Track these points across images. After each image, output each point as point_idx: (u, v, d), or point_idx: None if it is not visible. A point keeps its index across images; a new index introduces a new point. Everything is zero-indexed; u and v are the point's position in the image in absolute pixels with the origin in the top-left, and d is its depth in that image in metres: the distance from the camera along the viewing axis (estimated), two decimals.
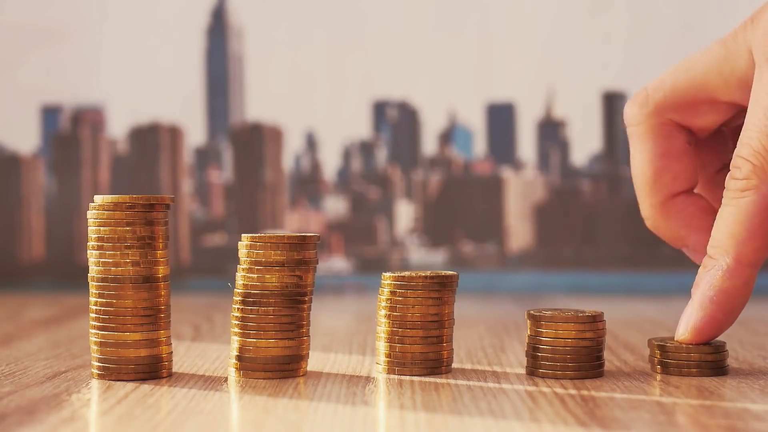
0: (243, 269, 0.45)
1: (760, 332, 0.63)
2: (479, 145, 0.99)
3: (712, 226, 0.46)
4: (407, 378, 0.45)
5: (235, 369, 0.45)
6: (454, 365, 0.48)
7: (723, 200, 0.46)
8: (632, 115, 0.50)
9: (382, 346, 0.46)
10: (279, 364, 0.45)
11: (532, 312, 0.46)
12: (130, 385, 0.43)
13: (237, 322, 0.45)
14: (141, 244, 0.44)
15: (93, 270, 0.44)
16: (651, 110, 0.49)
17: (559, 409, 0.39)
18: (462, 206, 0.99)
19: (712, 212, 0.49)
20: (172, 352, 0.46)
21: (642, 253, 0.98)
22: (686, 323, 0.46)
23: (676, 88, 0.49)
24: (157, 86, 0.99)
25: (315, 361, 0.49)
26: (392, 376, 0.45)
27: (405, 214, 1.00)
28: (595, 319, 0.45)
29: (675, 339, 0.47)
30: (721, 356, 0.46)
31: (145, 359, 0.44)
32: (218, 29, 1.00)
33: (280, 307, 0.45)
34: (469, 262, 0.98)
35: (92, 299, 0.44)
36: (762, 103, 0.44)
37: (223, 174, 1.01)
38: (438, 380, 0.45)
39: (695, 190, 0.51)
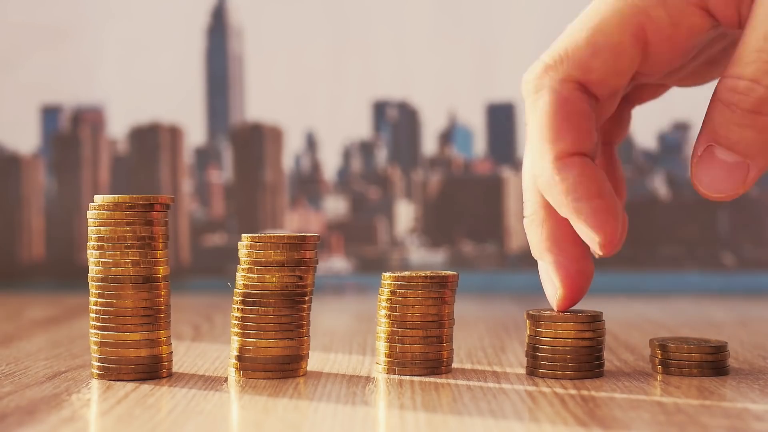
0: (243, 269, 0.45)
1: (760, 332, 0.63)
2: (479, 145, 0.99)
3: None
4: (407, 378, 0.45)
5: (235, 369, 0.45)
6: (454, 365, 0.48)
7: None
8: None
9: (382, 346, 0.46)
10: (279, 364, 0.45)
11: (531, 312, 0.46)
12: (130, 385, 0.43)
13: (237, 322, 0.45)
14: (141, 244, 0.44)
15: (93, 270, 0.44)
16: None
17: (559, 409, 0.39)
18: (462, 206, 0.99)
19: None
20: (172, 352, 0.46)
21: (642, 253, 0.98)
22: (587, 239, 0.44)
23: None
24: (157, 86, 0.99)
25: (315, 361, 0.49)
26: (392, 376, 0.45)
27: (405, 214, 1.00)
28: (595, 319, 0.45)
29: (600, 252, 0.44)
30: (722, 356, 0.46)
31: (145, 359, 0.44)
32: (218, 29, 1.00)
33: (280, 307, 0.45)
34: (469, 262, 0.98)
35: (92, 299, 0.44)
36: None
37: (223, 174, 1.01)
38: (438, 380, 0.45)
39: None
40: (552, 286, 0.45)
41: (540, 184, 0.44)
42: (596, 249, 0.44)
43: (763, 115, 0.40)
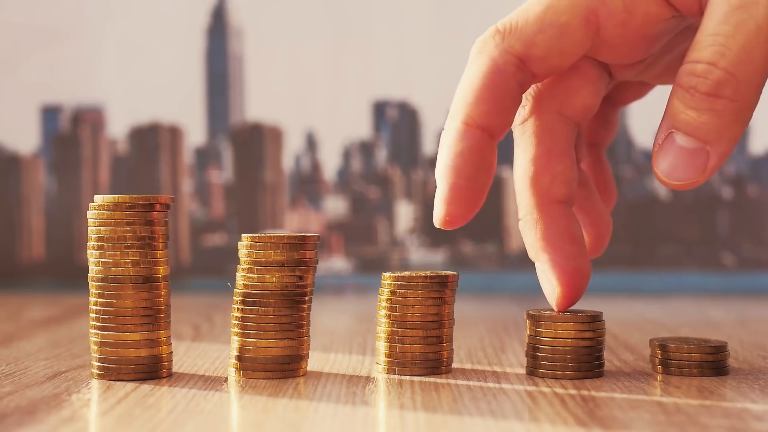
0: (243, 269, 0.45)
1: (760, 332, 0.63)
2: None
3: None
4: (407, 378, 0.45)
5: (235, 369, 0.45)
6: (454, 365, 0.48)
7: None
8: (517, 114, 0.48)
9: (382, 346, 0.46)
10: (279, 364, 0.45)
11: (531, 312, 0.45)
12: (130, 385, 0.43)
13: (237, 322, 0.45)
14: (141, 244, 0.44)
15: (93, 270, 0.44)
16: (531, 107, 0.47)
17: (559, 409, 0.39)
18: None
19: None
20: (172, 352, 0.46)
21: (642, 253, 0.98)
22: (435, 203, 0.44)
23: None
24: (157, 86, 0.99)
25: (315, 361, 0.49)
26: (392, 376, 0.45)
27: (405, 214, 1.00)
28: (595, 319, 0.45)
29: (436, 224, 0.45)
30: (722, 356, 0.46)
31: (145, 359, 0.44)
32: (218, 29, 1.00)
33: (280, 307, 0.45)
34: (469, 262, 0.98)
35: (92, 299, 0.44)
36: None
37: (223, 174, 1.01)
38: (438, 380, 0.45)
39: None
40: (550, 285, 0.45)
41: (442, 138, 0.44)
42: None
43: (721, 98, 0.40)
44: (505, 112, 0.44)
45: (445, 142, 0.44)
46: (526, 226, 0.46)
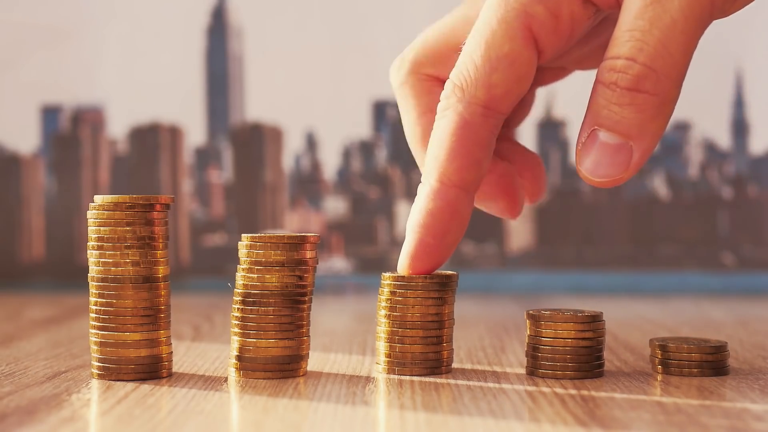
0: (243, 269, 0.45)
1: (760, 332, 0.63)
2: None
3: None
4: (407, 378, 0.45)
5: (235, 369, 0.45)
6: (454, 365, 0.48)
7: None
8: (392, 77, 0.50)
9: (382, 346, 0.46)
10: (279, 364, 0.45)
11: (531, 312, 0.45)
12: (130, 385, 0.43)
13: (237, 322, 0.45)
14: (141, 244, 0.44)
15: (93, 270, 0.44)
16: (408, 69, 0.49)
17: (559, 409, 0.39)
18: None
19: None
20: (172, 352, 0.46)
21: (642, 253, 0.98)
22: (401, 254, 0.45)
23: (426, 42, 0.49)
24: (157, 86, 0.99)
25: (315, 361, 0.49)
26: (392, 376, 0.45)
27: (405, 214, 1.00)
28: (595, 319, 0.45)
29: (399, 272, 0.46)
30: (722, 356, 0.46)
31: (145, 359, 0.44)
32: (218, 29, 1.00)
33: (280, 307, 0.45)
34: (469, 262, 0.98)
35: (92, 299, 0.44)
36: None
37: (223, 174, 1.01)
38: (438, 380, 0.45)
39: None
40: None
41: (418, 192, 0.45)
42: (400, 267, 0.46)
43: (641, 92, 0.40)
44: (478, 164, 0.44)
45: (419, 199, 0.45)
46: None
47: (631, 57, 0.40)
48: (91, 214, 0.44)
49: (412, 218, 0.45)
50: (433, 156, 0.44)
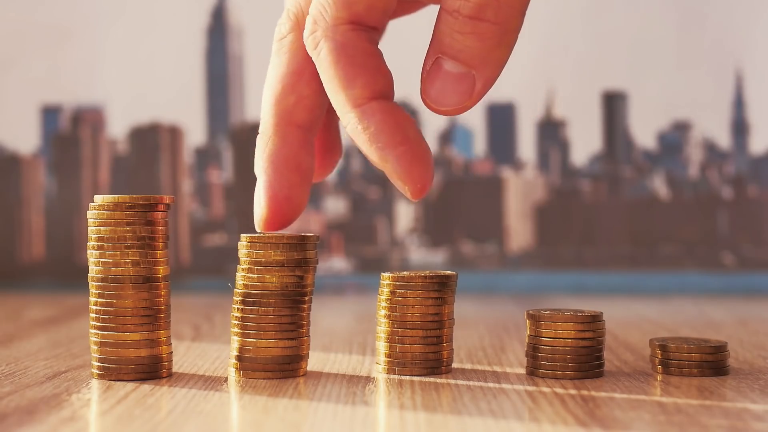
0: (243, 269, 0.45)
1: (760, 332, 0.63)
2: (479, 145, 0.99)
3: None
4: (407, 378, 0.45)
5: (235, 369, 0.45)
6: (454, 365, 0.48)
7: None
8: (276, 31, 0.48)
9: (382, 346, 0.46)
10: (279, 364, 0.45)
11: (531, 312, 0.45)
12: (130, 385, 0.43)
13: (237, 322, 0.45)
14: (141, 244, 0.44)
15: (93, 270, 0.44)
16: (291, 25, 0.48)
17: (559, 409, 0.39)
18: (462, 206, 0.99)
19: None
20: (172, 352, 0.46)
21: (642, 253, 0.98)
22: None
23: None
24: (157, 86, 0.99)
25: (315, 361, 0.49)
26: (392, 376, 0.45)
27: (405, 214, 1.00)
28: (595, 319, 0.45)
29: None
30: (722, 356, 0.46)
31: (145, 359, 0.44)
32: (218, 29, 1.00)
33: (280, 307, 0.45)
34: (469, 262, 0.98)
35: (92, 299, 0.44)
36: None
37: (223, 174, 1.01)
38: (438, 380, 0.45)
39: None
40: (258, 206, 0.46)
41: (348, 131, 0.44)
42: (407, 195, 0.44)
43: (483, 21, 0.40)
44: (379, 72, 0.44)
45: (358, 134, 0.43)
46: (260, 142, 0.46)
47: None
48: (91, 214, 0.44)
49: (373, 151, 0.43)
50: (336, 89, 0.43)
